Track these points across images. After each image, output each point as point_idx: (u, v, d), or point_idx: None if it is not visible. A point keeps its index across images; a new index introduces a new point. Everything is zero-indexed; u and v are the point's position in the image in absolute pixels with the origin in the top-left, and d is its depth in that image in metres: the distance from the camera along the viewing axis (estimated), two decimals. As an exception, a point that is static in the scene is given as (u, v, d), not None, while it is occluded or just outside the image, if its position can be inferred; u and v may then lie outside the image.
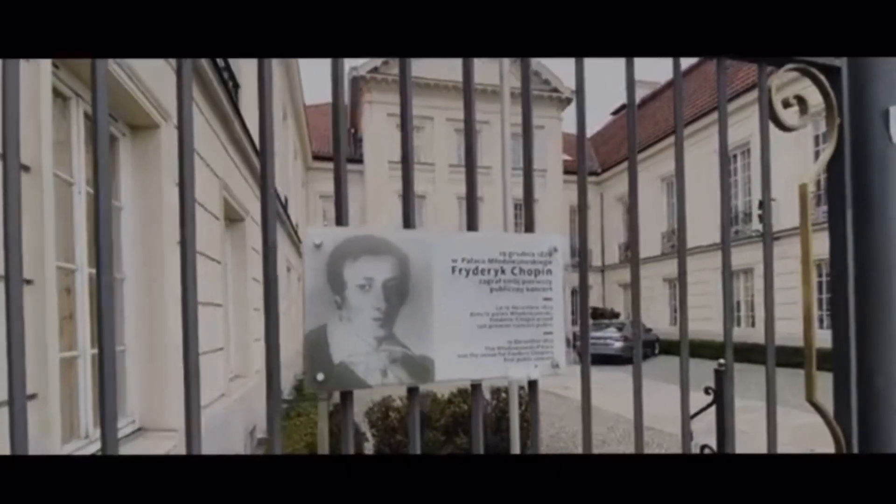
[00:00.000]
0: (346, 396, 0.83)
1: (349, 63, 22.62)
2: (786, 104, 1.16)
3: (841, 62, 1.19)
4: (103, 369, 0.74)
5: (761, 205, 14.44)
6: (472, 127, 0.91)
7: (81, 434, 1.93)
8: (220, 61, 3.55)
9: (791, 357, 10.00)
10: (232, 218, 4.87)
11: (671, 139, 19.01)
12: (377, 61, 19.97)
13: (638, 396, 1.05)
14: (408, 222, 0.89)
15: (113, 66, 2.11)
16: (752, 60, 1.15)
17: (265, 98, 0.78)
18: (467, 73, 0.88)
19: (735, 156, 16.12)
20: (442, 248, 0.87)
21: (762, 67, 1.14)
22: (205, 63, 3.22)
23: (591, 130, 28.09)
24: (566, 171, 22.30)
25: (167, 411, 2.51)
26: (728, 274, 1.11)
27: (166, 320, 2.53)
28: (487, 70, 5.23)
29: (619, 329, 16.04)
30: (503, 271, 0.90)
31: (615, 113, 28.19)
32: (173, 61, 0.69)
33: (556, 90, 21.77)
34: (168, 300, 2.58)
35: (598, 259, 24.14)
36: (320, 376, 0.80)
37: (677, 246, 1.11)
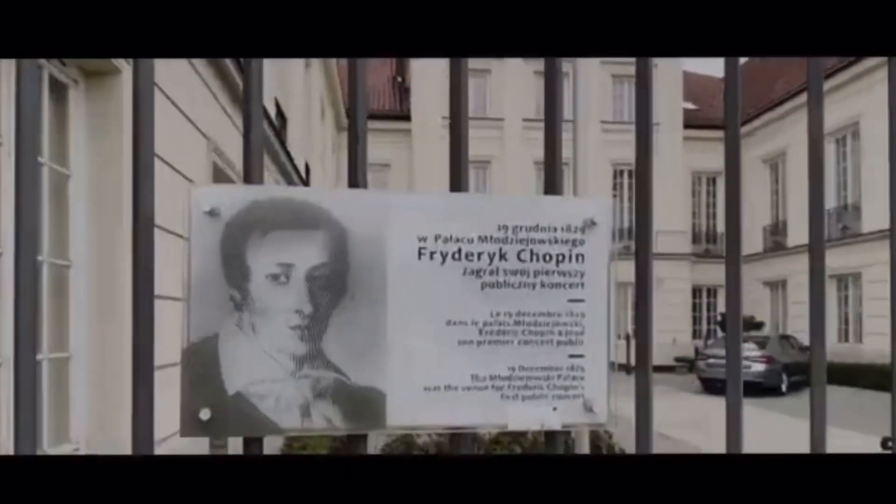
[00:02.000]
0: (252, 445, 0.72)
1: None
2: None
3: None
4: None
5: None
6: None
7: None
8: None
9: None
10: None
11: (776, 112, 18.19)
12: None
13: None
14: (354, 179, 0.75)
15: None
16: None
17: None
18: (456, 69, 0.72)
19: (844, 138, 15.44)
20: (403, 218, 0.74)
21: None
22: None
23: (721, 69, 26.40)
24: (687, 125, 21.12)
25: (123, 432, 2.55)
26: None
27: (125, 318, 2.58)
28: None
29: (761, 345, 15.07)
30: (503, 256, 0.75)
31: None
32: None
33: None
34: (127, 293, 2.62)
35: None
36: (205, 413, 0.69)
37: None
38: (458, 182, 0.76)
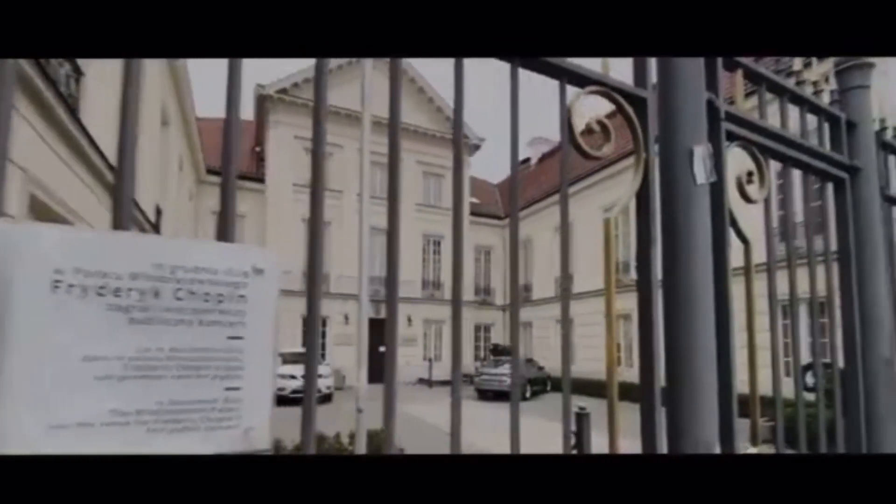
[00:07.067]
0: None
1: (255, 80, 22.27)
2: (588, 130, 1.02)
3: (647, 93, 1.08)
4: None
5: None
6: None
7: None
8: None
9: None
10: (54, 220, 4.01)
11: (527, 210, 21.32)
12: (286, 82, 19.39)
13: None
14: (-10, 208, 0.55)
15: None
16: (553, 75, 0.99)
17: None
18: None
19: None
20: (35, 249, 0.54)
21: (563, 86, 0.99)
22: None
23: (497, 178, 29.40)
24: (473, 213, 23.11)
25: None
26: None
27: None
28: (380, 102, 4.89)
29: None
30: (157, 294, 0.59)
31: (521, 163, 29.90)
32: None
33: (464, 136, 22.59)
34: None
35: (500, 298, 24.80)
36: None
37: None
38: (120, 220, 0.59)
